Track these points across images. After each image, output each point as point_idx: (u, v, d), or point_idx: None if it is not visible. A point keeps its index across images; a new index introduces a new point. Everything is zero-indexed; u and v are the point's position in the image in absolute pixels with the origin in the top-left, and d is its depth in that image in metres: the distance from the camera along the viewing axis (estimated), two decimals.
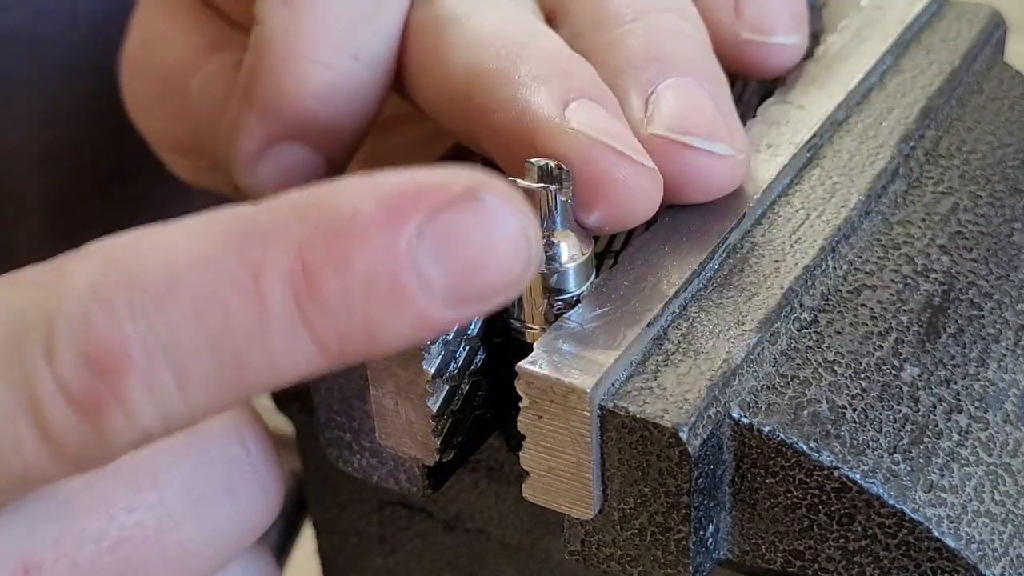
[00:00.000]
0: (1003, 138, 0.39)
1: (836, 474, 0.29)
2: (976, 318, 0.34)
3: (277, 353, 0.26)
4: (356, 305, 0.26)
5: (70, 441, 0.26)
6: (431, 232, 0.26)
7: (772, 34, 0.38)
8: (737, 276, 0.32)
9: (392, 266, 0.26)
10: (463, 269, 0.26)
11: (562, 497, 0.30)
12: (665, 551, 0.30)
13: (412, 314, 0.26)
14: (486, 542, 0.40)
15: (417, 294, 0.26)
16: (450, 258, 0.26)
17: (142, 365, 0.26)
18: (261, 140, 0.38)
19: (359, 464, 0.34)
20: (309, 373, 0.27)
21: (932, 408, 0.31)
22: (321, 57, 0.36)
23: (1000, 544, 0.30)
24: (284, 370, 0.27)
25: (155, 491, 0.30)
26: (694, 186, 0.33)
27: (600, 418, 0.29)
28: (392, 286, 0.26)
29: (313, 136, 0.38)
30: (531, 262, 0.27)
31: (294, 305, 0.26)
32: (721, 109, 0.34)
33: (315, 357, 0.27)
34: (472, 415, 0.33)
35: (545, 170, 0.31)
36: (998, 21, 0.43)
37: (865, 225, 0.35)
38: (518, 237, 0.27)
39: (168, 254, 0.26)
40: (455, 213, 0.26)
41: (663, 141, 0.33)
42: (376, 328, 0.26)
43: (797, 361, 0.31)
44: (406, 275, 0.26)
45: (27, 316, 0.26)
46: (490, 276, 0.27)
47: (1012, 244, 0.36)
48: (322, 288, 0.26)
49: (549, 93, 0.32)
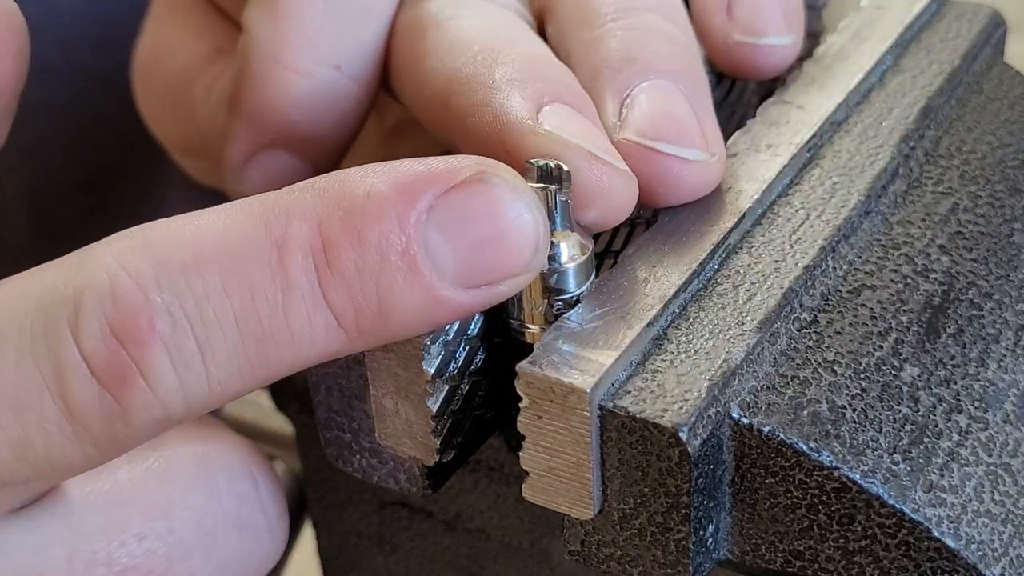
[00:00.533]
0: (1003, 138, 0.39)
1: (836, 474, 0.29)
2: (976, 318, 0.34)
3: (299, 325, 0.27)
4: (370, 276, 0.27)
5: (93, 417, 0.27)
6: (441, 210, 0.28)
7: (764, 35, 0.38)
8: (737, 276, 0.32)
9: (403, 240, 0.27)
10: (472, 248, 0.28)
11: (562, 497, 0.30)
12: (665, 551, 0.30)
13: (422, 289, 0.28)
14: (486, 542, 0.40)
15: (427, 268, 0.28)
16: (459, 236, 0.28)
17: (167, 335, 0.26)
18: (247, 147, 0.39)
19: (359, 464, 0.34)
20: (329, 351, 0.28)
21: (932, 408, 0.31)
22: (303, 67, 0.37)
23: (1000, 544, 0.30)
24: (305, 345, 0.28)
25: (166, 520, 0.30)
26: (666, 190, 0.33)
27: (600, 418, 0.29)
28: (403, 259, 0.27)
29: (297, 144, 0.38)
30: (539, 248, 0.29)
31: (315, 275, 0.27)
32: (698, 111, 0.34)
33: (334, 330, 0.28)
34: (472, 415, 0.33)
35: (545, 170, 0.31)
36: (998, 21, 0.43)
37: (865, 225, 0.35)
38: (526, 221, 0.28)
39: (196, 231, 0.27)
40: (464, 194, 0.28)
41: (634, 146, 0.33)
42: (389, 302, 0.28)
43: (797, 361, 0.31)
44: (416, 248, 0.27)
45: (56, 292, 0.27)
46: (499, 257, 0.28)
47: (1012, 244, 0.36)
48: (339, 258, 0.27)
49: (522, 97, 0.33)
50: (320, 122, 0.38)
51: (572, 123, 0.32)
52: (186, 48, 0.43)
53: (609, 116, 0.34)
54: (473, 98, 0.33)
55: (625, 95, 0.34)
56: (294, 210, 0.28)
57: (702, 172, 0.34)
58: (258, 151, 0.38)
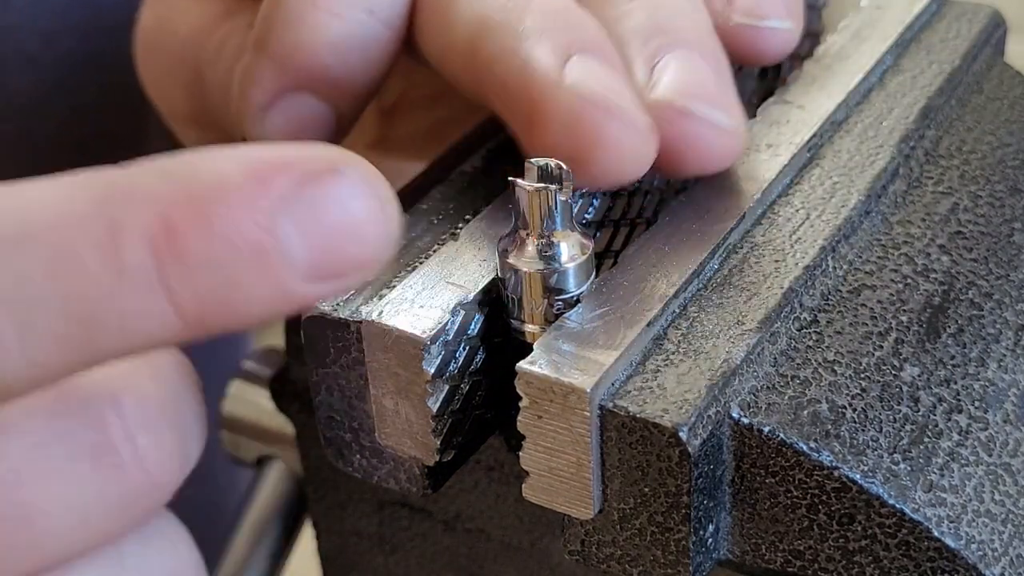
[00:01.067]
0: (1003, 138, 0.39)
1: (836, 474, 0.29)
2: (976, 318, 0.34)
3: (132, 313, 0.26)
4: (217, 267, 0.26)
5: None
6: (294, 202, 0.26)
7: (764, 18, 0.38)
8: (737, 276, 0.32)
9: (254, 231, 0.26)
10: (324, 241, 0.27)
11: (562, 497, 0.30)
12: (665, 551, 0.30)
13: (272, 282, 0.26)
14: (486, 542, 0.40)
15: (278, 262, 0.26)
16: (312, 229, 0.26)
17: None
18: (272, 89, 0.38)
19: (359, 464, 0.34)
20: (165, 339, 0.27)
21: (932, 408, 0.31)
22: (336, 9, 0.37)
23: (1000, 544, 0.30)
24: (136, 332, 0.26)
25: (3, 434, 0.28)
26: (694, 155, 0.34)
27: (600, 418, 0.29)
28: (253, 251, 0.26)
29: (325, 88, 0.38)
30: (389, 239, 0.27)
31: (152, 262, 0.26)
32: (722, 84, 0.34)
33: (172, 320, 0.26)
34: (472, 415, 0.33)
35: (545, 170, 0.31)
36: (998, 21, 0.43)
37: (865, 225, 0.35)
38: (377, 212, 0.27)
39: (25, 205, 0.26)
40: (318, 186, 0.27)
41: (666, 107, 0.33)
42: (236, 294, 0.26)
43: (797, 361, 0.31)
44: (267, 240, 0.26)
45: None
46: (350, 252, 0.27)
47: (1012, 244, 0.36)
48: (183, 247, 0.26)
49: (551, 46, 0.33)
50: (350, 67, 0.37)
51: (597, 74, 0.32)
52: (193, 11, 0.43)
53: (639, 78, 0.34)
54: (501, 44, 0.33)
55: (656, 61, 0.34)
56: (135, 191, 0.26)
57: (730, 139, 0.34)
58: (284, 94, 0.38)
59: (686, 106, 0.33)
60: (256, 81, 0.38)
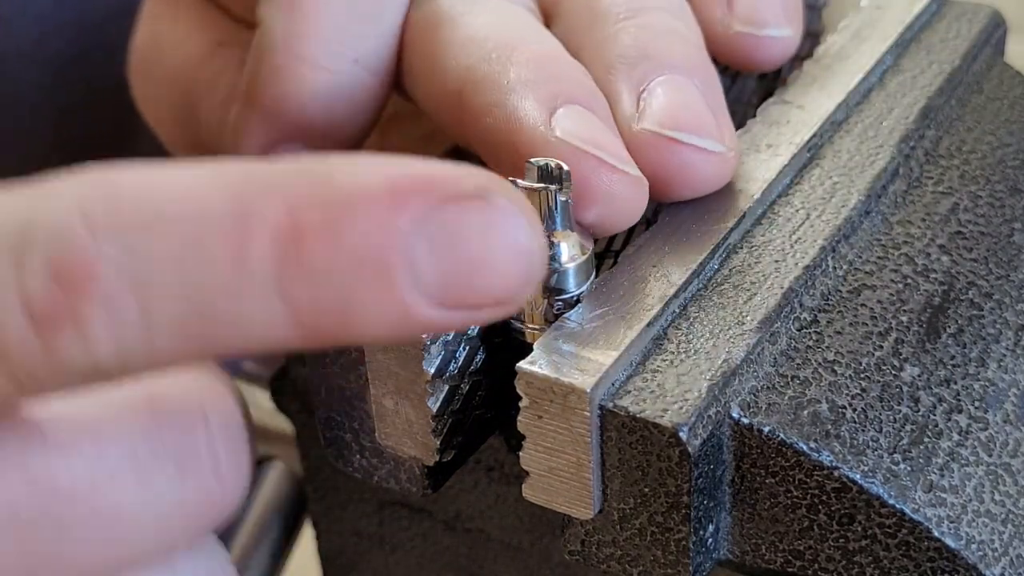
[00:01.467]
0: (1003, 138, 0.39)
1: (836, 474, 0.29)
2: (976, 318, 0.34)
3: (248, 310, 0.25)
4: (338, 277, 0.25)
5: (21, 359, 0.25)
6: (433, 222, 0.25)
7: (764, 27, 0.38)
8: (737, 276, 0.32)
9: (384, 245, 0.25)
10: (458, 268, 0.25)
11: (562, 497, 0.30)
12: (665, 551, 0.30)
13: (394, 303, 0.25)
14: (486, 542, 0.40)
15: (404, 282, 0.25)
16: (447, 253, 0.25)
17: (106, 288, 0.25)
18: (263, 142, 0.38)
19: (359, 464, 0.34)
20: (277, 342, 0.26)
21: (932, 408, 0.31)
22: (322, 61, 0.37)
23: (1000, 544, 0.30)
24: (251, 331, 0.26)
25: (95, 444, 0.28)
26: (683, 182, 0.34)
27: (600, 418, 0.29)
28: (380, 266, 0.25)
29: (314, 138, 0.38)
30: (531, 279, 0.26)
31: (277, 262, 0.25)
32: (712, 107, 0.34)
33: (286, 324, 0.25)
34: (472, 415, 0.33)
35: (545, 170, 0.31)
36: (998, 21, 0.43)
37: (865, 225, 0.35)
38: (522, 250, 0.26)
39: (163, 185, 0.25)
40: (462, 210, 0.25)
41: (653, 136, 0.33)
42: (354, 308, 0.25)
43: (797, 361, 0.31)
44: (396, 258, 0.25)
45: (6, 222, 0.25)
46: (485, 283, 0.26)
47: (1012, 244, 0.36)
48: (308, 251, 0.25)
49: (536, 99, 0.33)
50: (338, 116, 0.37)
51: (585, 126, 0.32)
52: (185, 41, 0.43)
53: (626, 108, 0.34)
54: (488, 98, 0.33)
55: (642, 88, 0.34)
56: (271, 186, 0.25)
57: (719, 164, 0.34)
58: (274, 145, 0.38)
59: (673, 135, 0.33)
60: (246, 134, 0.38)
